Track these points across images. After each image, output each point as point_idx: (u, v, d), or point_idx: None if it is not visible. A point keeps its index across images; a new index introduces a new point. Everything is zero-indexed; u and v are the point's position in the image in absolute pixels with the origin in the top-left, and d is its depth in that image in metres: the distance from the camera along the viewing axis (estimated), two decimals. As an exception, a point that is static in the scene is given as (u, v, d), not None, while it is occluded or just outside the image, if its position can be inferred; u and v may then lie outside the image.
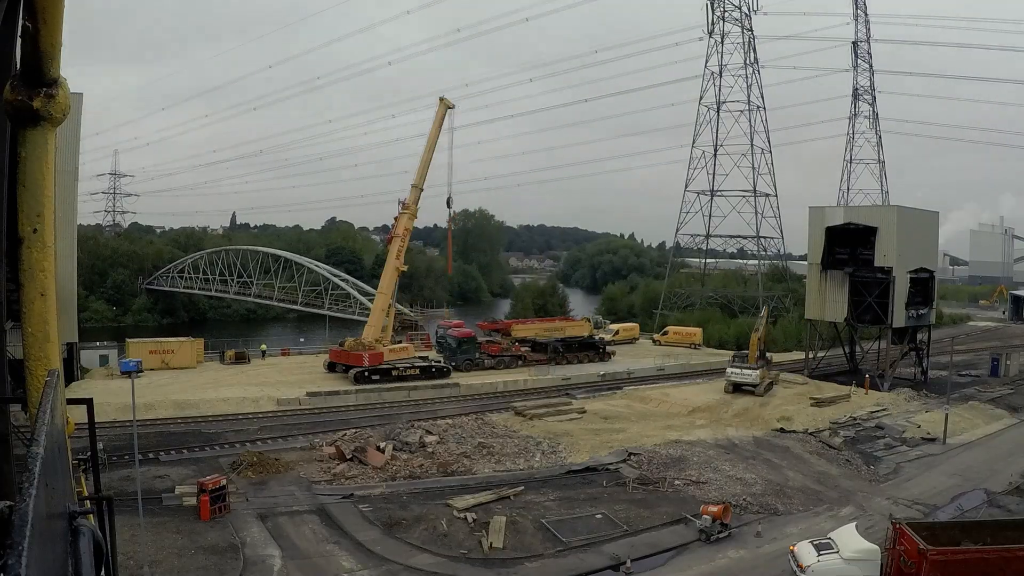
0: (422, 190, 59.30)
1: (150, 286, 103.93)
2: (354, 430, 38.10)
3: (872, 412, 46.14)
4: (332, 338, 68.44)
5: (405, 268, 60.18)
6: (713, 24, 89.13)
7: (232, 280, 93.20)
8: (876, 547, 21.43)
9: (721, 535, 26.68)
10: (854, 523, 24.43)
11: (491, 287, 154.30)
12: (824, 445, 38.87)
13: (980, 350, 73.17)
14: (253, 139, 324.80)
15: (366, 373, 50.33)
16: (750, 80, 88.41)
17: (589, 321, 71.41)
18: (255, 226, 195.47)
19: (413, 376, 51.94)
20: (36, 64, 4.06)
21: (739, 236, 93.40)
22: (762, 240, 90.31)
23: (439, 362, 55.83)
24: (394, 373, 51.47)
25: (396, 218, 58.62)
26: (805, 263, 69.25)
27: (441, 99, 60.41)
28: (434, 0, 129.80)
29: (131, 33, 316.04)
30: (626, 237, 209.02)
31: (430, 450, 35.57)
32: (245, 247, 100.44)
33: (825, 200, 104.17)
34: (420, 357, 56.92)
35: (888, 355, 54.91)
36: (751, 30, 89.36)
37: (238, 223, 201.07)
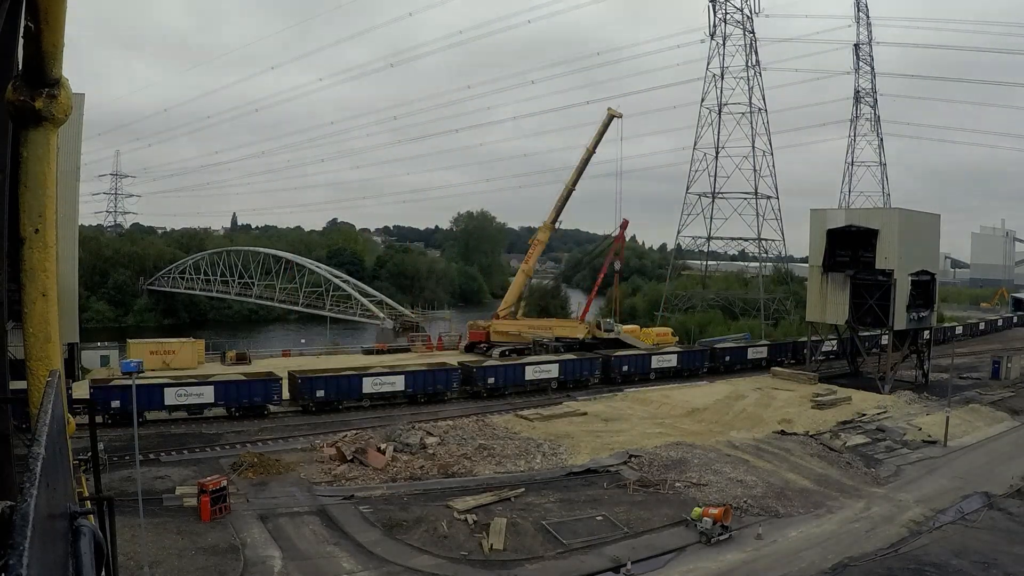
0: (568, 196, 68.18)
1: (151, 287, 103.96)
2: (355, 431, 38.05)
3: (873, 415, 46.10)
4: (333, 339, 68.46)
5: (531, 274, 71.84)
6: (715, 26, 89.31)
7: (233, 281, 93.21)
8: None
9: (721, 537, 26.65)
10: None
11: (492, 288, 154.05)
12: (825, 447, 38.83)
13: (981, 352, 73.12)
14: (255, 140, 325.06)
15: None
16: (751, 82, 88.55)
17: (584, 322, 70.53)
18: (256, 227, 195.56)
19: None
20: (38, 65, 4.07)
21: (740, 238, 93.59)
22: (763, 242, 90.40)
23: None
24: None
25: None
26: (806, 265, 69.24)
27: (608, 108, 67.11)
28: (438, 2, 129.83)
29: (131, 34, 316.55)
30: (628, 239, 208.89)
31: (431, 451, 35.55)
32: (246, 248, 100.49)
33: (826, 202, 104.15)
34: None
35: (889, 357, 54.84)
36: (752, 32, 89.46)
37: (239, 224, 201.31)
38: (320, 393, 43.55)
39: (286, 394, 44.10)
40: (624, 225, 69.30)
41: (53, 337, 4.44)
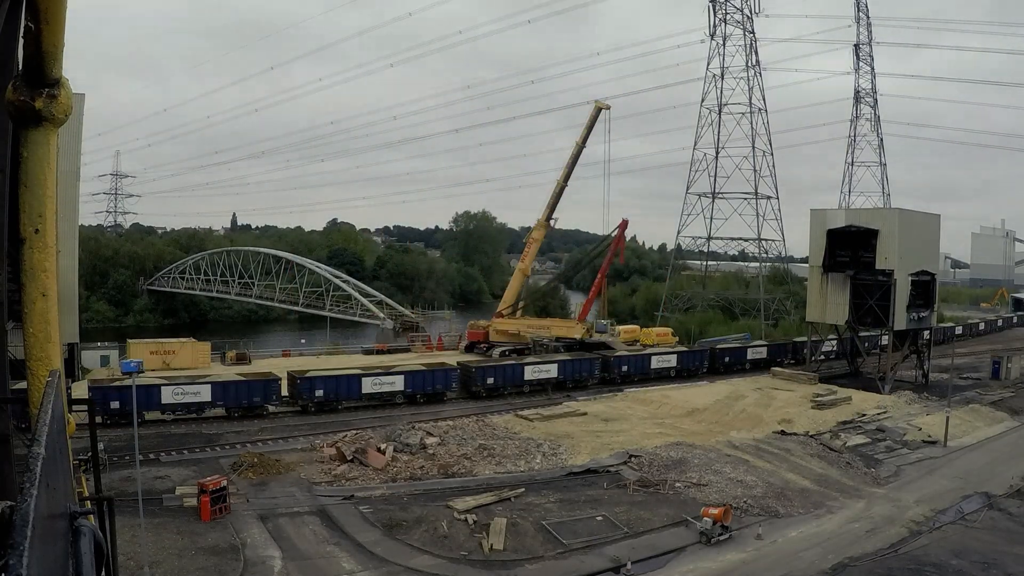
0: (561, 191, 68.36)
1: (151, 287, 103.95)
2: (355, 431, 38.05)
3: (873, 415, 46.10)
4: (333, 339, 68.41)
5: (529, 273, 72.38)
6: (715, 27, 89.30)
7: (233, 281, 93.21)
8: None
9: (721, 537, 26.65)
10: None
11: (492, 289, 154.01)
12: (825, 447, 38.82)
13: (981, 352, 73.12)
14: (255, 140, 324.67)
15: None
16: (751, 82, 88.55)
17: (583, 322, 70.49)
18: (256, 227, 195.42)
19: None
20: (38, 65, 4.07)
21: (740, 239, 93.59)
22: (763, 242, 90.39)
23: None
24: None
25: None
26: (806, 265, 69.24)
27: (595, 101, 66.66)
28: (439, 1, 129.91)
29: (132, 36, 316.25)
30: (628, 239, 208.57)
31: (431, 451, 35.54)
32: (246, 248, 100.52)
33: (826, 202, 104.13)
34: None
35: (889, 357, 54.84)
36: (753, 32, 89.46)
37: (239, 224, 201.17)
38: (319, 393, 43.53)
39: (286, 394, 44.11)
40: (624, 225, 69.33)
41: (53, 337, 4.45)
